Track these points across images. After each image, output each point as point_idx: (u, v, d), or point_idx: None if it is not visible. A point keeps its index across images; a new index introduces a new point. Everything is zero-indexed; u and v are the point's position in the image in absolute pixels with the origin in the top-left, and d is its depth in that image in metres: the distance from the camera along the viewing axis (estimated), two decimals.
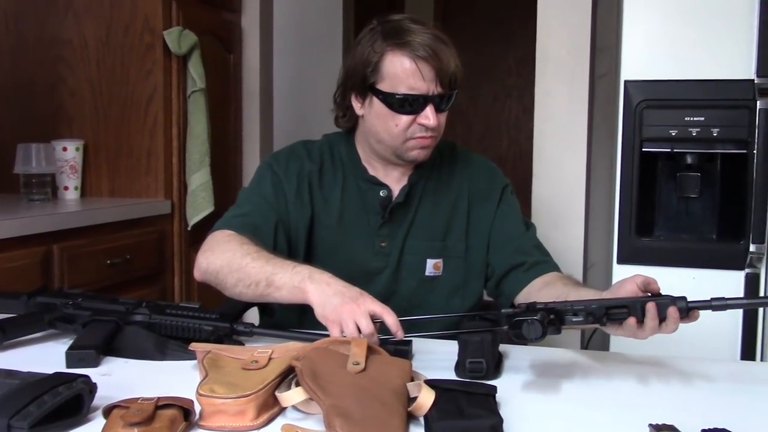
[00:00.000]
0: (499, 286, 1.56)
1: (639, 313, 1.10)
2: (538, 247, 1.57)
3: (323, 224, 1.54)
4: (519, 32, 4.90)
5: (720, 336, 1.99)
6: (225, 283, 1.36)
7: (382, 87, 1.44)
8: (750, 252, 1.94)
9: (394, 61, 1.42)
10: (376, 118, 1.47)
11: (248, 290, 1.33)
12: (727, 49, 1.95)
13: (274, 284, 1.29)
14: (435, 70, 1.41)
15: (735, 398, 1.10)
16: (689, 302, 1.10)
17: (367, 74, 1.45)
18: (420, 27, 1.44)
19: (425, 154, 1.50)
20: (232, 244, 1.39)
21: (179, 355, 1.22)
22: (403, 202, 1.54)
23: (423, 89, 1.41)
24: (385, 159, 1.54)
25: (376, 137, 1.50)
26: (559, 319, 1.11)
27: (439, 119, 1.45)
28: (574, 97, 2.48)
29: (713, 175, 2.07)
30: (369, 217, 1.54)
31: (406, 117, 1.44)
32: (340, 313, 1.19)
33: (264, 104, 3.36)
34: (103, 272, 2.40)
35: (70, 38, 2.75)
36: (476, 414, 0.91)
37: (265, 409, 0.95)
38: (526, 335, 1.06)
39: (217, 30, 3.07)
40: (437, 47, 1.41)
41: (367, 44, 1.45)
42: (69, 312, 1.32)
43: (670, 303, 1.09)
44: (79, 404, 0.94)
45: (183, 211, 2.81)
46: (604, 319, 1.11)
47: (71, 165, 2.68)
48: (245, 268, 1.33)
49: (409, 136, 1.46)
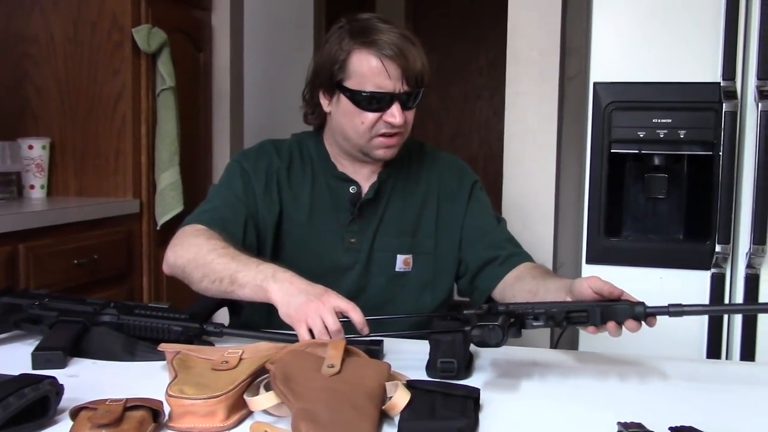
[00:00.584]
0: (473, 282, 1.58)
1: (597, 320, 1.12)
2: (510, 240, 1.60)
3: (292, 221, 1.54)
4: (490, 33, 4.92)
5: (686, 335, 2.01)
6: (191, 277, 1.36)
7: (349, 84, 1.45)
8: (716, 252, 1.97)
9: (361, 59, 1.44)
10: (343, 116, 1.49)
11: (213, 286, 1.32)
12: (694, 53, 1.98)
13: (237, 282, 1.29)
14: (401, 69, 1.43)
15: (701, 396, 1.11)
16: (647, 308, 1.12)
17: (335, 72, 1.46)
18: (387, 26, 1.46)
19: (391, 152, 1.51)
20: (200, 239, 1.38)
21: (148, 355, 1.21)
22: (372, 198, 1.55)
23: (389, 87, 1.43)
24: (352, 156, 1.55)
25: (343, 134, 1.51)
26: (520, 323, 1.12)
27: (406, 117, 1.47)
28: (545, 98, 2.50)
29: (680, 177, 2.09)
30: (338, 214, 1.55)
31: (372, 114, 1.45)
32: (306, 311, 1.19)
33: (234, 103, 3.34)
34: (70, 272, 2.37)
35: (36, 35, 2.71)
36: (447, 415, 0.91)
37: (236, 410, 0.94)
38: (487, 341, 1.07)
39: (187, 28, 3.04)
40: (404, 46, 1.43)
41: (335, 42, 1.47)
42: (35, 313, 1.30)
43: (629, 309, 1.11)
44: (45, 406, 0.92)
45: (152, 210, 2.78)
46: (564, 322, 1.13)
47: (37, 163, 2.64)
48: (211, 264, 1.32)
49: (375, 134, 1.47)
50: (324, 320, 1.17)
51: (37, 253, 2.24)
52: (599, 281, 1.16)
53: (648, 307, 1.12)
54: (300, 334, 1.19)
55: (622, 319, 1.11)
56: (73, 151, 2.74)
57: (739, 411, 1.05)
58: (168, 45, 2.75)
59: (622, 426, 0.91)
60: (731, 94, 1.93)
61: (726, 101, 1.93)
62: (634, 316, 1.11)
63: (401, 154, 1.57)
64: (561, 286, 1.29)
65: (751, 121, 1.94)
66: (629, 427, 0.90)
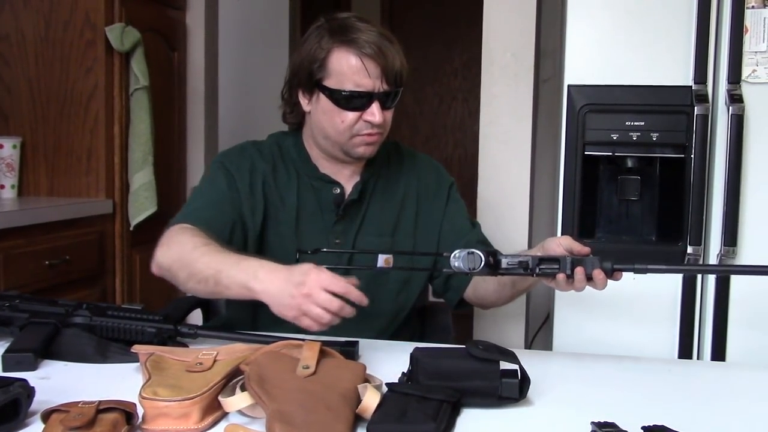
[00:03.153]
0: (447, 282, 1.60)
1: (567, 268, 1.20)
2: (483, 242, 1.62)
3: (280, 222, 1.54)
4: (464, 35, 4.94)
5: (658, 335, 2.04)
6: (178, 278, 1.34)
7: (329, 83, 1.45)
8: (687, 253, 1.99)
9: (340, 58, 1.44)
10: (322, 115, 1.49)
11: (200, 286, 1.30)
12: (667, 57, 2.00)
13: (222, 284, 1.27)
14: (380, 68, 1.43)
15: (673, 396, 1.13)
16: (614, 265, 1.21)
17: (314, 70, 1.46)
18: (366, 25, 1.46)
19: (371, 150, 1.52)
20: (184, 237, 1.37)
21: (121, 357, 1.20)
22: (356, 198, 1.56)
23: (369, 86, 1.43)
24: (332, 156, 1.55)
25: (323, 133, 1.51)
26: (495, 262, 1.19)
27: (385, 116, 1.47)
28: (519, 101, 2.51)
29: (653, 179, 2.12)
30: (324, 215, 1.55)
31: (352, 113, 1.45)
32: (299, 304, 1.16)
33: (209, 103, 3.32)
34: (41, 273, 2.34)
35: (7, 33, 2.67)
36: (415, 419, 0.91)
37: (210, 412, 0.94)
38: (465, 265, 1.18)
39: (160, 27, 3.02)
40: (383, 45, 1.43)
41: (314, 41, 1.47)
42: (5, 314, 1.29)
43: (598, 262, 1.21)
44: (16, 409, 0.91)
45: (125, 211, 2.76)
46: (536, 269, 1.21)
47: (8, 163, 2.61)
48: (195, 263, 1.30)
49: (355, 133, 1.47)
50: (321, 305, 1.15)
51: (8, 253, 2.21)
52: (569, 240, 1.25)
53: (615, 264, 1.21)
54: (306, 327, 1.17)
55: (591, 269, 1.20)
56: (45, 151, 2.70)
57: (711, 410, 1.07)
58: (142, 44, 2.73)
59: (596, 426, 0.92)
60: (703, 98, 1.96)
61: (698, 104, 1.96)
62: (601, 267, 1.20)
63: (380, 154, 1.58)
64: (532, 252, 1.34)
65: (722, 124, 1.97)
66: (603, 427, 0.91)
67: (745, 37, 1.95)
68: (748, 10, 1.95)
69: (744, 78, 1.96)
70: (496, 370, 1.01)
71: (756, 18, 1.95)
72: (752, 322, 2.00)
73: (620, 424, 0.91)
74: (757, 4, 1.94)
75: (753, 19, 1.95)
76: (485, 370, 1.01)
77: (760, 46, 1.95)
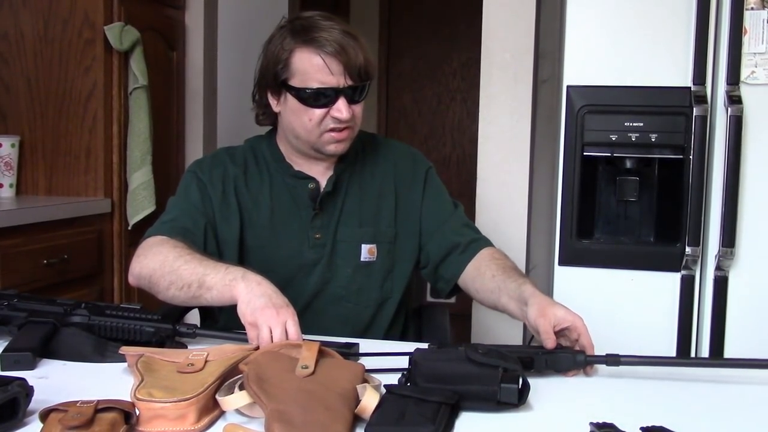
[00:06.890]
0: (437, 271, 1.61)
1: (542, 366, 1.18)
2: (468, 225, 1.64)
3: (255, 225, 1.55)
4: (463, 35, 4.94)
5: (656, 336, 2.04)
6: (158, 286, 1.36)
7: (294, 83, 1.47)
8: (686, 254, 1.99)
9: (302, 57, 1.46)
10: (291, 114, 1.51)
11: (181, 293, 1.32)
12: (666, 58, 2.01)
13: (205, 285, 1.29)
14: (343, 64, 1.45)
15: (672, 396, 1.12)
16: (587, 357, 1.19)
17: (279, 71, 1.49)
18: (329, 23, 1.48)
19: (343, 147, 1.53)
20: (165, 248, 1.39)
21: (119, 357, 1.19)
22: (331, 191, 1.57)
23: (333, 83, 1.45)
24: (305, 154, 1.57)
25: (293, 132, 1.53)
26: None
27: (354, 111, 1.49)
28: (518, 101, 2.51)
29: (651, 180, 2.12)
30: (300, 212, 1.56)
31: (318, 111, 1.47)
32: (258, 316, 1.19)
33: (207, 102, 3.32)
34: (39, 272, 2.34)
35: (5, 31, 2.67)
36: (414, 421, 0.91)
37: (206, 413, 0.94)
38: None
39: (160, 26, 3.01)
40: (344, 42, 1.45)
41: (278, 42, 1.50)
42: (4, 313, 1.29)
43: (571, 358, 1.18)
44: (14, 408, 0.91)
45: (123, 210, 2.75)
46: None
47: (6, 162, 2.60)
48: (177, 271, 1.33)
49: (324, 130, 1.49)
50: (272, 331, 1.18)
51: (6, 252, 2.20)
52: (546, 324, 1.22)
53: (588, 356, 1.19)
54: (248, 336, 1.20)
55: (566, 366, 1.18)
56: (43, 150, 2.70)
57: (709, 410, 1.07)
58: (141, 43, 2.72)
59: (595, 426, 0.92)
60: (701, 99, 1.96)
61: (696, 106, 1.96)
62: (575, 364, 1.18)
63: (355, 147, 1.59)
64: (515, 297, 1.36)
65: (720, 125, 1.97)
66: (601, 428, 0.91)
67: (744, 38, 1.96)
68: (747, 12, 1.95)
69: (743, 79, 1.96)
70: (495, 374, 1.01)
71: (755, 19, 1.95)
72: (750, 322, 2.00)
73: (619, 424, 0.91)
74: (756, 5, 1.95)
75: (752, 21, 1.95)
76: (484, 375, 1.01)
77: (759, 47, 1.95)
